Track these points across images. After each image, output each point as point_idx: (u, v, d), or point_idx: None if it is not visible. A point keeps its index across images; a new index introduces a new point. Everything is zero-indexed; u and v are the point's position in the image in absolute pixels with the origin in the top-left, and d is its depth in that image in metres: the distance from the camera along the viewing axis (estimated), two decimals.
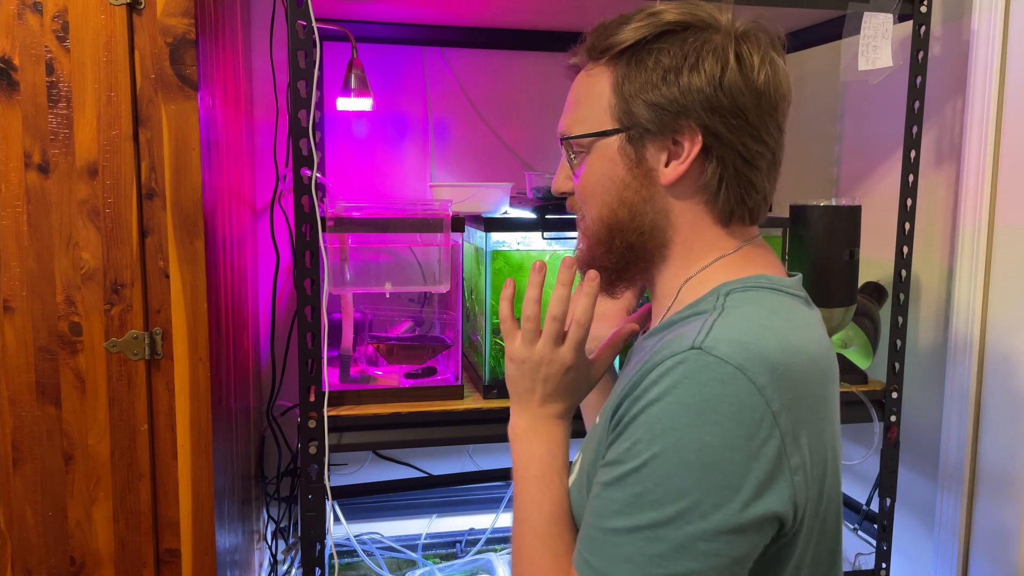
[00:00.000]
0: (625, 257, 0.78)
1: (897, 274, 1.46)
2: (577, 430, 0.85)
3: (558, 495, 0.77)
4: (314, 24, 1.17)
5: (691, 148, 0.73)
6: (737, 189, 0.74)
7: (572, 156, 0.81)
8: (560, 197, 0.86)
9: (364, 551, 1.79)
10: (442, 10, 1.52)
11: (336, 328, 1.42)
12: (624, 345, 0.88)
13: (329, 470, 1.28)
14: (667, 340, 0.70)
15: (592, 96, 0.77)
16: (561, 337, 0.79)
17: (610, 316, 0.95)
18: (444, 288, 1.40)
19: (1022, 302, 1.38)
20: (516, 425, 0.82)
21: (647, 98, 0.73)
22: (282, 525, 1.83)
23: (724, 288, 0.73)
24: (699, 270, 0.76)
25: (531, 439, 0.80)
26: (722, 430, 0.61)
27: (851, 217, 1.40)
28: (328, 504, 1.28)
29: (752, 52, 0.72)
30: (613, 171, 0.76)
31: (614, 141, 0.75)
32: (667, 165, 0.74)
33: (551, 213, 1.42)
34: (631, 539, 0.63)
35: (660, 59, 0.72)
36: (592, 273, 0.79)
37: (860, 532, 1.58)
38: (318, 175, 1.23)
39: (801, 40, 1.71)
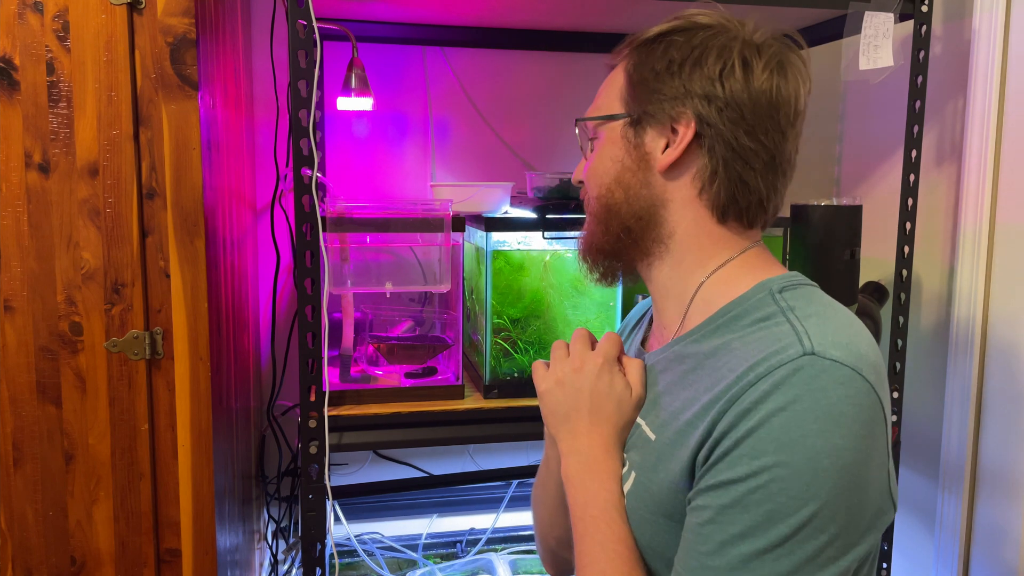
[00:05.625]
0: (622, 240, 0.79)
1: (898, 274, 1.46)
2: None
3: (621, 533, 0.73)
4: (315, 24, 1.17)
5: (685, 133, 0.74)
6: (728, 184, 0.75)
7: (586, 144, 0.84)
8: (578, 187, 0.88)
9: (365, 551, 1.79)
10: (442, 10, 1.52)
11: (336, 328, 1.42)
12: None
13: (329, 470, 1.28)
14: (736, 347, 0.69)
15: (610, 86, 0.81)
16: (591, 344, 0.81)
17: None
18: (445, 288, 1.40)
19: (1023, 302, 1.38)
20: (568, 467, 0.78)
21: (652, 84, 0.76)
22: (283, 525, 1.83)
23: (768, 286, 0.73)
24: (714, 270, 0.76)
25: (584, 478, 0.76)
26: (850, 432, 0.62)
27: (852, 216, 1.40)
28: (329, 504, 1.28)
29: (759, 57, 0.74)
30: (615, 153, 0.79)
31: (618, 125, 0.78)
32: (663, 152, 0.76)
33: (552, 213, 1.42)
34: (762, 561, 0.61)
35: (669, 51, 0.75)
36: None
37: None
38: (318, 175, 1.23)
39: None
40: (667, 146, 0.75)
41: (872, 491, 0.63)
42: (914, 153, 1.43)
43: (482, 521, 1.95)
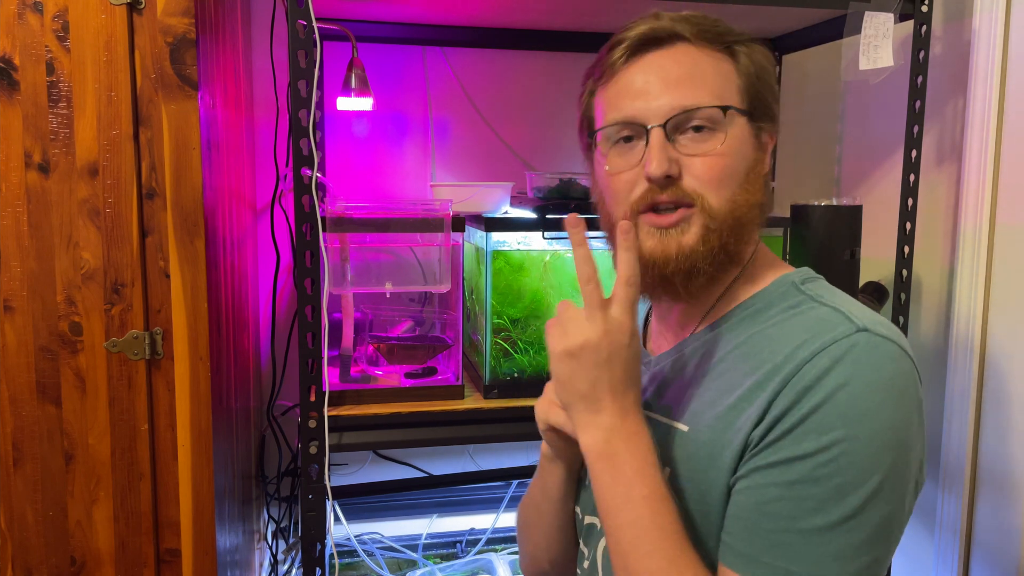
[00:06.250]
0: (746, 243, 0.76)
1: (898, 274, 1.45)
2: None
3: (674, 510, 0.67)
4: (314, 24, 1.17)
5: (771, 142, 0.79)
6: (771, 186, 0.81)
7: (703, 130, 0.73)
8: (665, 182, 0.73)
9: (364, 551, 1.79)
10: (443, 10, 1.52)
11: (336, 328, 1.42)
12: None
13: (329, 470, 1.28)
14: (772, 333, 0.71)
15: (720, 74, 0.75)
16: (605, 303, 0.69)
17: None
18: (444, 288, 1.40)
19: (1023, 302, 1.38)
20: (590, 445, 0.69)
21: (773, 90, 0.78)
22: (282, 525, 1.83)
23: (789, 279, 0.77)
24: (742, 270, 0.78)
25: (617, 455, 0.67)
26: (905, 406, 0.65)
27: (852, 216, 1.40)
28: (328, 504, 1.28)
29: None
30: (749, 152, 0.75)
31: (748, 123, 0.75)
32: (765, 154, 0.79)
33: (552, 213, 1.42)
34: (836, 533, 0.62)
35: (768, 59, 0.78)
36: (625, 224, 0.70)
37: None
38: (318, 175, 1.23)
39: (802, 40, 1.70)
40: (766, 148, 0.79)
41: (922, 461, 0.67)
42: (914, 153, 1.43)
43: (482, 521, 1.95)
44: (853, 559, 0.62)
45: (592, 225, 0.75)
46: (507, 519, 1.96)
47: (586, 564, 0.84)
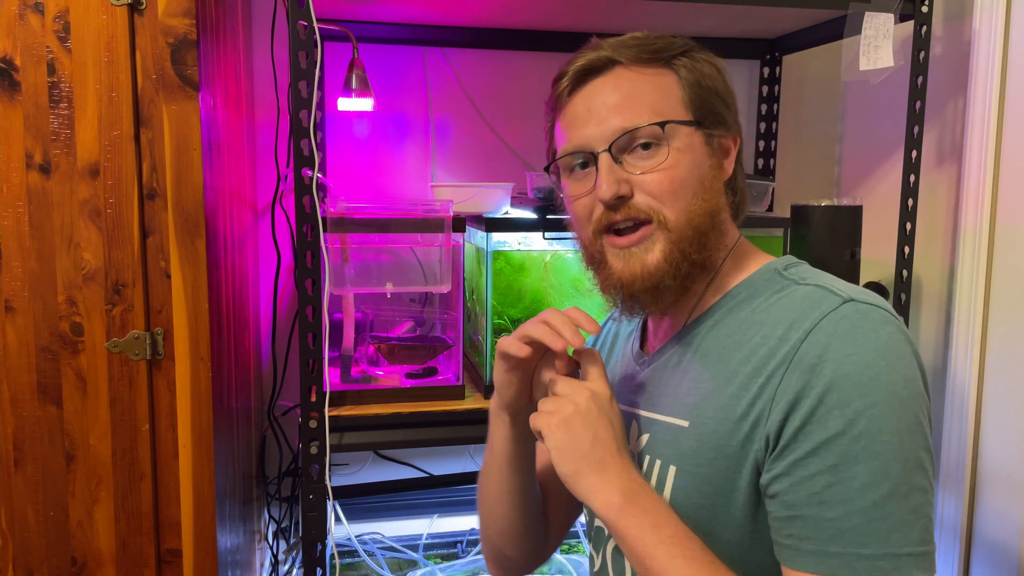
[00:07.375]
0: (712, 250, 0.78)
1: (898, 274, 1.46)
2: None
3: (699, 540, 0.69)
4: (315, 24, 1.17)
5: (734, 146, 0.80)
6: (743, 186, 0.82)
7: (649, 147, 0.75)
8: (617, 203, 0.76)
9: (365, 551, 1.79)
10: (443, 10, 1.53)
11: (337, 328, 1.42)
12: None
13: (330, 470, 1.28)
14: (761, 318, 0.73)
15: (660, 90, 0.76)
16: (577, 370, 0.77)
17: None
18: (445, 288, 1.40)
19: (1023, 302, 1.38)
20: (608, 502, 0.70)
21: (721, 95, 0.78)
22: (283, 525, 1.83)
23: (772, 267, 0.78)
24: (720, 265, 0.80)
25: (642, 502, 0.70)
26: (909, 363, 0.66)
27: (852, 217, 1.40)
28: (329, 504, 1.28)
29: None
30: (701, 160, 0.77)
31: (696, 132, 0.77)
32: (724, 161, 0.80)
33: (552, 213, 1.42)
34: (891, 503, 0.62)
35: (714, 66, 0.79)
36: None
37: None
38: (319, 175, 1.23)
39: (802, 40, 1.71)
40: (726, 154, 0.80)
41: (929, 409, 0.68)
42: (914, 153, 1.43)
43: None
44: (913, 524, 0.63)
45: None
46: None
47: (596, 568, 0.85)
